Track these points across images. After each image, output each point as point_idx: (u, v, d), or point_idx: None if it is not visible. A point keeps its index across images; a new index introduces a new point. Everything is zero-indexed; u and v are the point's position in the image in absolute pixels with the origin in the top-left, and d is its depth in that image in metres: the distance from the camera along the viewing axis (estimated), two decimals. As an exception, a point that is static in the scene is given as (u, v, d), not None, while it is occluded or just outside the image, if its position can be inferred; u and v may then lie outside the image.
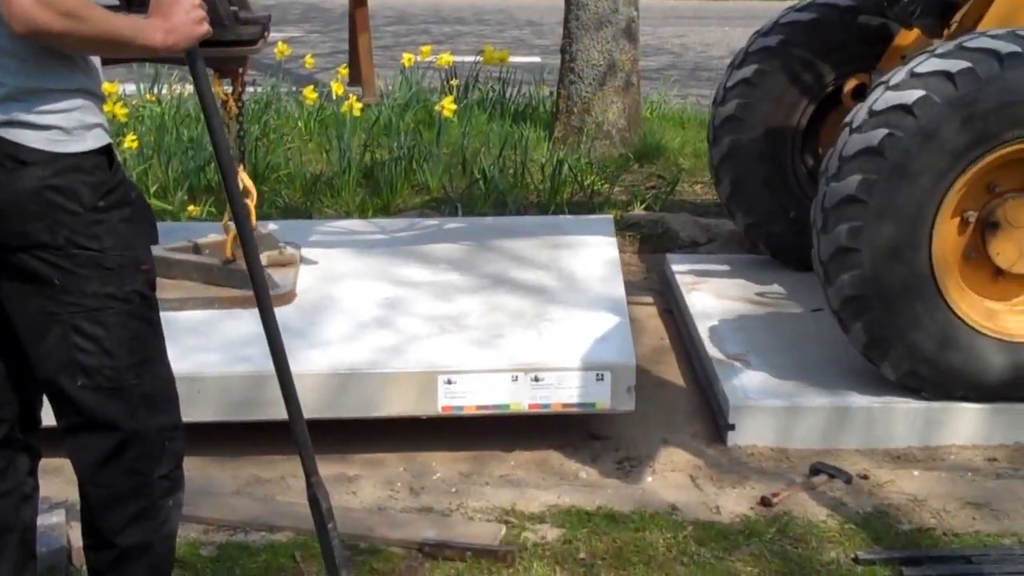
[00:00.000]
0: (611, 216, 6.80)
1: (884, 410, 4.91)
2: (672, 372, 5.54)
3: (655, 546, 4.16)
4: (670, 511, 4.39)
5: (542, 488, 4.55)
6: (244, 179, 5.43)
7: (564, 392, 4.78)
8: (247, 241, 3.28)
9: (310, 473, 3.40)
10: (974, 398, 4.87)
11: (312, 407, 4.60)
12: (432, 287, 5.58)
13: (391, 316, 5.25)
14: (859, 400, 4.94)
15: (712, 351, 5.39)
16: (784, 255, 6.25)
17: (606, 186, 7.68)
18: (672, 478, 4.64)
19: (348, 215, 7.32)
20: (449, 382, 4.73)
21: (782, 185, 6.16)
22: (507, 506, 4.39)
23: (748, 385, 5.06)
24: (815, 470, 4.63)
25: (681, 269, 6.42)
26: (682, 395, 5.32)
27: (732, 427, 4.92)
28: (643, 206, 7.39)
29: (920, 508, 4.41)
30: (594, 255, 6.03)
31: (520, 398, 4.76)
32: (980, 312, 4.82)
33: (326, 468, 4.35)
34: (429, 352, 4.91)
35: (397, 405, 4.76)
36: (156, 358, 3.18)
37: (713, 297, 6.02)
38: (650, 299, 6.36)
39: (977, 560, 4.05)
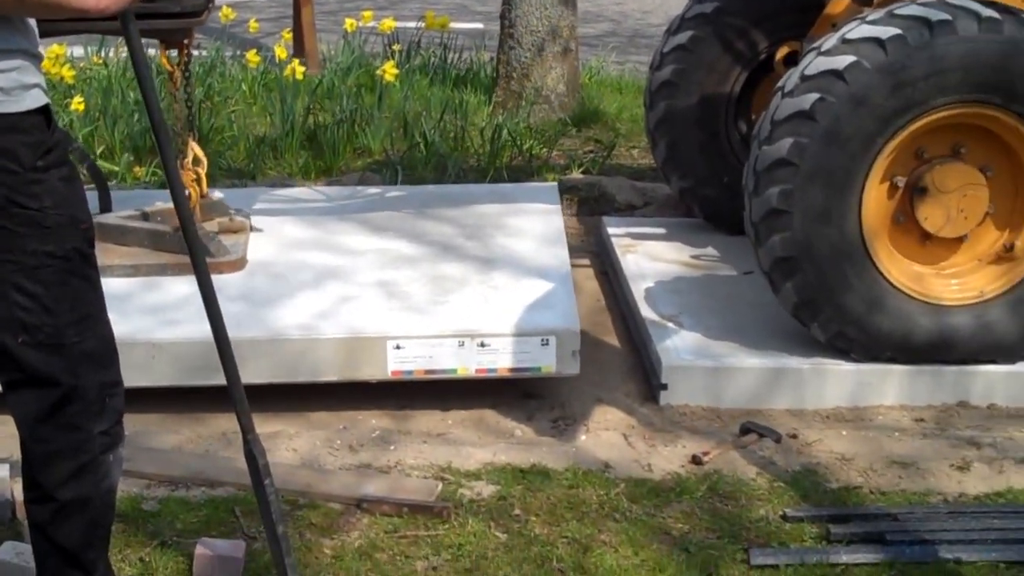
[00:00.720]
0: (555, 184, 6.77)
1: (814, 371, 4.93)
2: (607, 333, 5.54)
3: (588, 503, 4.16)
4: (603, 468, 4.39)
5: (478, 446, 4.54)
6: (195, 148, 5.39)
7: (510, 357, 4.78)
8: (180, 206, 3.26)
9: (247, 431, 3.38)
10: (902, 360, 4.90)
11: (262, 373, 4.63)
12: (379, 254, 5.55)
13: (339, 283, 5.22)
14: (790, 361, 4.96)
15: (646, 312, 5.40)
16: (718, 219, 6.26)
17: (545, 150, 7.66)
18: (605, 436, 4.65)
19: (291, 177, 7.27)
20: (398, 347, 4.73)
21: (716, 150, 6.16)
22: (443, 463, 4.38)
23: (681, 346, 5.07)
24: (745, 429, 4.65)
25: (617, 232, 6.42)
26: (617, 355, 5.33)
27: (665, 387, 4.94)
28: (581, 170, 7.38)
29: (848, 467, 4.43)
30: (539, 222, 6.01)
31: (467, 363, 4.76)
32: (908, 276, 4.85)
33: (266, 426, 4.36)
34: (378, 318, 4.89)
35: (347, 370, 4.74)
36: (96, 315, 3.14)
37: (648, 259, 6.03)
38: (587, 261, 6.35)
39: (902, 518, 4.07)
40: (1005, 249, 4.88)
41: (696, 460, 4.43)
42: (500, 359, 4.77)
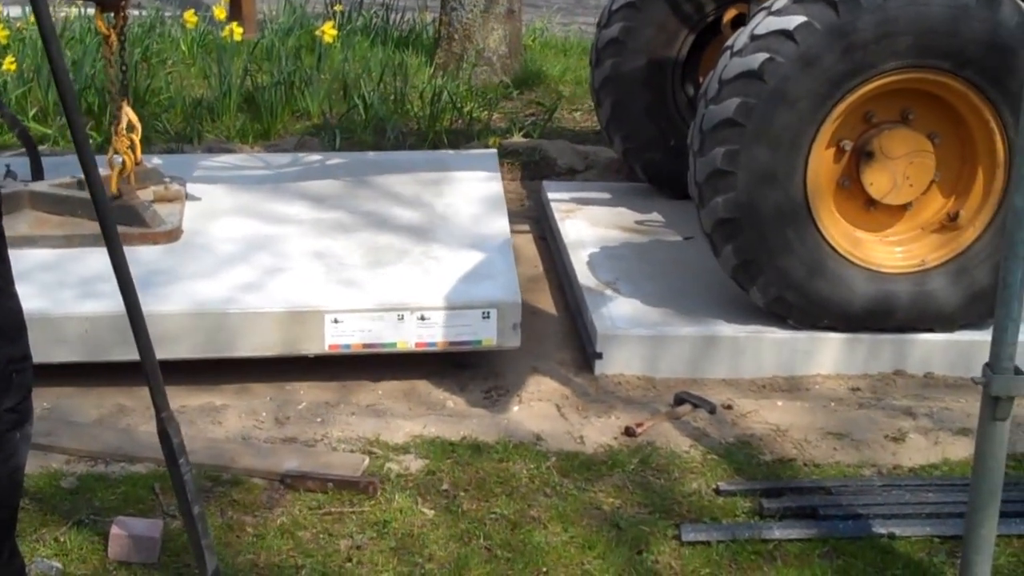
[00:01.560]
0: (495, 150, 6.59)
1: (750, 340, 4.81)
2: (545, 300, 5.41)
3: (518, 477, 4.04)
4: (535, 441, 4.27)
5: (408, 418, 4.40)
6: (129, 114, 5.19)
7: (450, 330, 4.64)
8: (89, 171, 3.07)
9: (160, 408, 3.22)
10: (840, 327, 4.80)
11: (197, 347, 4.50)
12: (317, 224, 5.38)
13: (276, 254, 5.05)
14: (726, 329, 4.84)
15: (583, 279, 5.26)
16: (661, 182, 6.12)
17: (485, 113, 7.49)
18: (538, 408, 4.52)
19: (228, 140, 7.07)
20: (336, 321, 4.58)
21: (662, 113, 6.01)
22: (371, 436, 4.24)
23: (617, 314, 4.94)
24: (679, 400, 4.53)
25: (557, 196, 6.28)
26: (553, 323, 5.19)
27: (600, 356, 4.81)
28: (522, 133, 7.23)
29: (782, 438, 4.32)
30: (478, 191, 5.85)
31: (407, 336, 4.62)
32: (851, 241, 4.74)
33: (192, 398, 4.21)
34: (315, 291, 4.74)
35: (284, 345, 4.59)
36: (3, 288, 2.98)
37: (587, 225, 5.89)
38: (526, 227, 6.21)
39: (836, 491, 3.97)
40: (949, 218, 4.77)
41: (629, 432, 4.30)
42: (440, 333, 4.63)
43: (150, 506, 3.82)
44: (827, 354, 4.84)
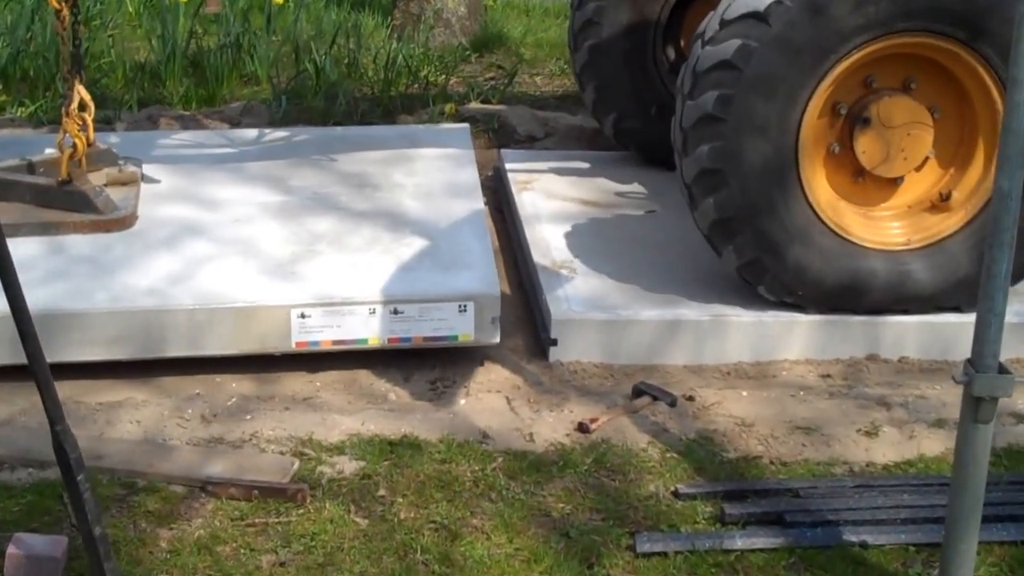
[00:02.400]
0: (466, 126, 6.17)
1: (715, 324, 4.49)
2: (507, 278, 5.06)
3: (461, 480, 3.70)
4: (481, 439, 3.93)
5: (346, 413, 4.06)
6: (82, 93, 4.81)
7: (425, 324, 4.31)
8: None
9: (55, 420, 2.88)
10: (810, 302, 4.48)
11: (150, 346, 4.17)
12: (282, 209, 5.00)
13: (239, 243, 4.68)
14: (689, 313, 4.52)
15: (538, 258, 4.92)
16: (646, 151, 5.80)
17: (443, 78, 7.12)
18: (487, 400, 4.18)
19: (171, 107, 6.69)
20: (303, 316, 4.24)
21: (645, 82, 5.70)
22: (304, 435, 3.90)
23: (573, 296, 4.59)
24: (638, 391, 4.19)
25: (515, 167, 5.93)
26: (507, 305, 4.84)
27: (554, 342, 4.47)
28: (480, 99, 6.87)
29: (747, 433, 4.00)
30: (452, 170, 5.47)
31: (379, 332, 4.29)
32: (835, 211, 4.40)
33: (112, 392, 3.89)
34: (281, 284, 4.38)
35: (247, 342, 4.25)
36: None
37: (545, 197, 5.54)
38: (484, 199, 5.82)
39: (804, 494, 3.66)
40: (941, 198, 4.45)
41: (583, 428, 3.97)
42: (414, 327, 4.31)
43: (56, 519, 3.47)
44: (795, 338, 4.52)
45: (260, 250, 4.60)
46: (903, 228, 4.46)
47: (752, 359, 4.50)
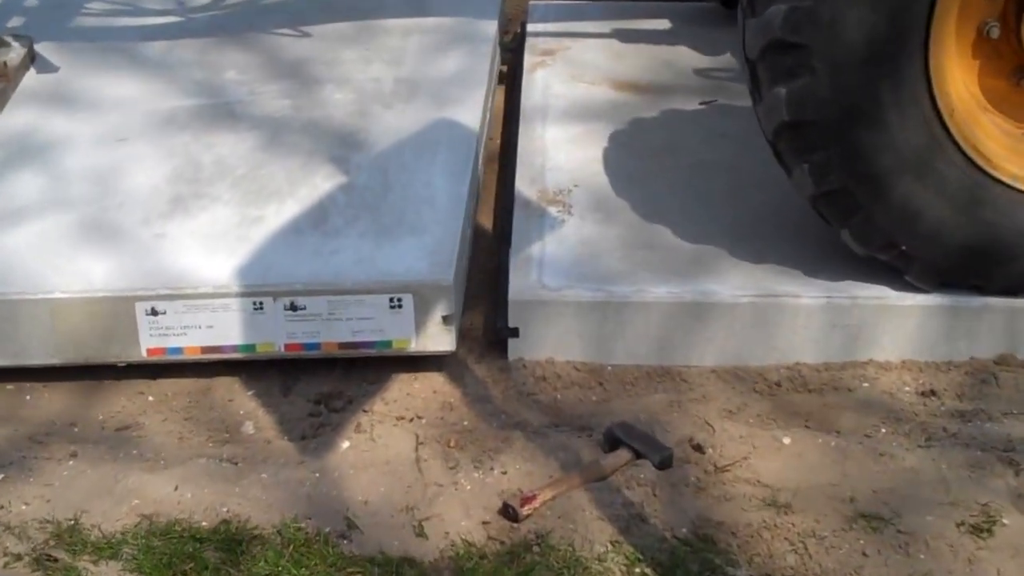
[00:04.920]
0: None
1: (760, 307, 2.90)
2: (483, 211, 3.49)
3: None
4: (342, 532, 2.43)
5: (160, 464, 2.63)
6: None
7: (339, 326, 2.80)
8: None
9: None
10: (918, 265, 2.88)
11: None
12: (189, 119, 3.48)
13: (97, 181, 3.20)
14: (722, 290, 2.91)
15: (523, 184, 3.32)
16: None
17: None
18: (385, 441, 2.69)
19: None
20: (154, 312, 2.73)
21: None
22: (73, 515, 2.48)
23: (551, 257, 3.04)
24: (613, 439, 2.62)
25: (540, 28, 4.36)
26: (479, 254, 3.28)
27: (514, 332, 2.90)
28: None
29: (776, 526, 2.44)
30: (457, 49, 3.87)
31: (271, 335, 2.80)
32: (974, 128, 2.78)
33: None
34: (131, 261, 2.88)
35: (75, 348, 2.81)
36: None
37: (565, 79, 4.00)
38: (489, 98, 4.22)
39: None
40: None
41: (510, 513, 2.42)
42: (324, 329, 2.80)
43: None
44: (890, 327, 2.94)
45: (122, 195, 3.12)
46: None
47: (819, 359, 2.94)
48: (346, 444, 2.67)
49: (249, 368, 2.89)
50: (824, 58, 2.64)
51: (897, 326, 2.93)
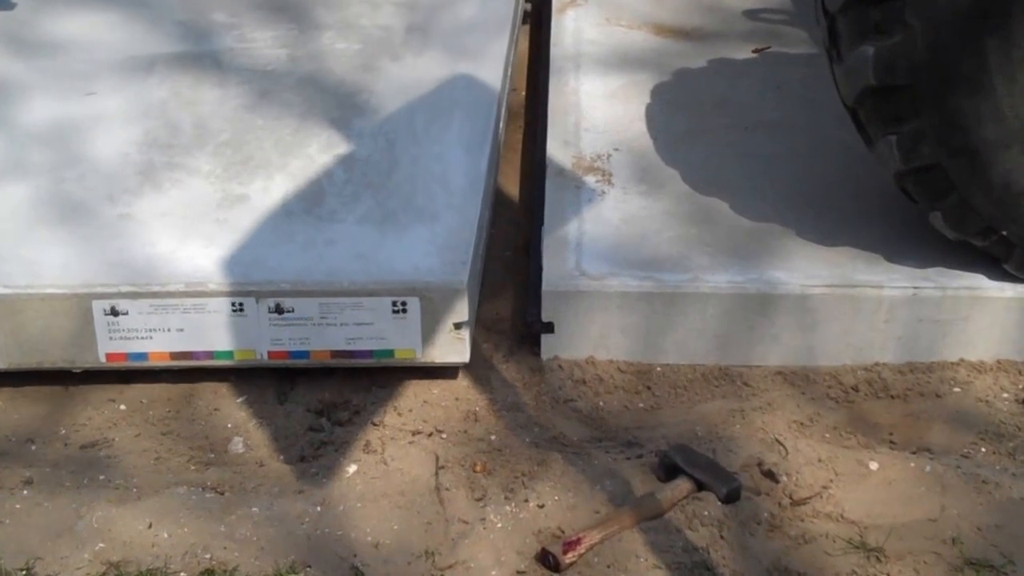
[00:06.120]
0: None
1: (833, 299, 2.46)
2: (508, 172, 3.06)
3: None
4: (349, 583, 1.99)
5: (132, 493, 2.23)
6: None
7: (332, 332, 2.36)
8: None
9: None
10: (1021, 252, 2.45)
11: None
12: (169, 70, 3.03)
13: (50, 148, 2.74)
14: (790, 279, 2.49)
15: (554, 149, 2.87)
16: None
17: None
18: (399, 464, 2.27)
19: None
20: (114, 312, 2.30)
21: None
22: (23, 565, 2.03)
23: (590, 239, 2.60)
24: (670, 466, 2.19)
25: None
26: (504, 228, 2.86)
27: (548, 328, 2.47)
28: None
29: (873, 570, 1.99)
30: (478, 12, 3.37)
31: (253, 340, 2.35)
32: None
33: None
34: (86, 247, 2.44)
35: (16, 352, 2.38)
36: None
37: (599, 22, 3.51)
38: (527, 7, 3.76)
39: None
40: None
41: (550, 562, 2.00)
42: (314, 335, 2.36)
43: None
44: (983, 323, 2.53)
45: (84, 164, 2.69)
46: None
47: (900, 359, 2.52)
48: (353, 468, 2.24)
49: (238, 369, 2.46)
50: (920, 11, 2.19)
51: (992, 322, 2.51)
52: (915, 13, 2.20)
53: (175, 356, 2.37)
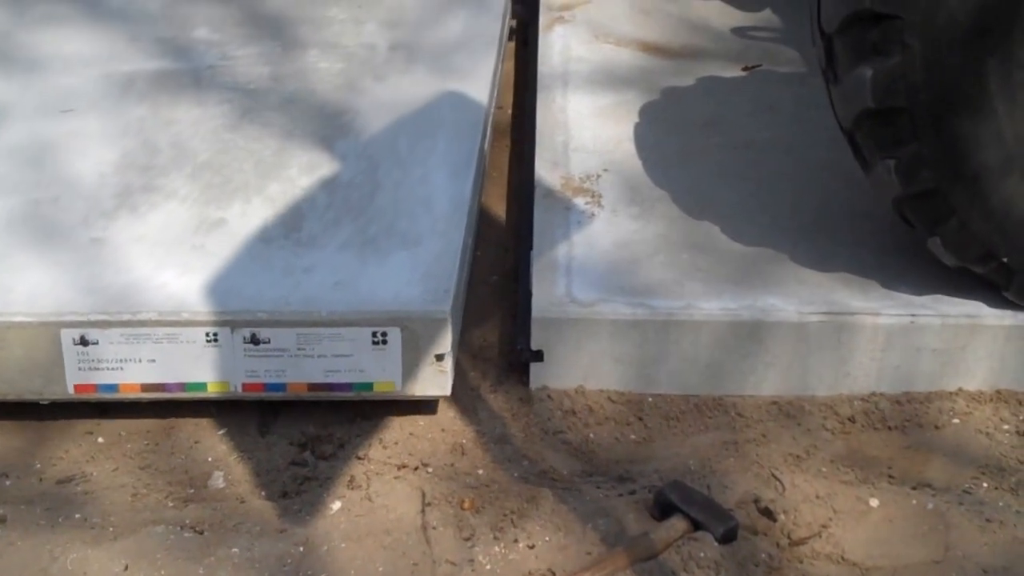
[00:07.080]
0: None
1: (829, 327, 2.37)
2: (494, 193, 2.97)
3: None
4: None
5: (108, 533, 2.14)
6: None
7: (309, 364, 2.25)
8: None
9: None
10: (1021, 280, 2.38)
11: None
12: (150, 87, 2.93)
13: (26, 165, 2.65)
14: (786, 307, 2.43)
15: (543, 170, 2.80)
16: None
17: None
18: (381, 504, 2.20)
19: None
20: (84, 342, 2.20)
21: None
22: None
23: (580, 263, 2.53)
24: (666, 504, 2.10)
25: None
26: (489, 255, 2.77)
27: (538, 356, 2.38)
28: None
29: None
30: (467, 17, 3.29)
31: (227, 372, 2.25)
32: None
33: None
34: (56, 277, 2.33)
35: None
36: None
37: (587, 39, 3.45)
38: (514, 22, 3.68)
39: None
40: None
41: None
42: (290, 367, 2.25)
43: None
44: (981, 353, 2.46)
45: (59, 185, 2.60)
46: None
47: (897, 389, 2.42)
48: (337, 505, 2.15)
49: (198, 413, 2.37)
50: (919, 32, 2.11)
51: (992, 351, 2.43)
52: (914, 34, 2.12)
53: (146, 388, 2.28)
